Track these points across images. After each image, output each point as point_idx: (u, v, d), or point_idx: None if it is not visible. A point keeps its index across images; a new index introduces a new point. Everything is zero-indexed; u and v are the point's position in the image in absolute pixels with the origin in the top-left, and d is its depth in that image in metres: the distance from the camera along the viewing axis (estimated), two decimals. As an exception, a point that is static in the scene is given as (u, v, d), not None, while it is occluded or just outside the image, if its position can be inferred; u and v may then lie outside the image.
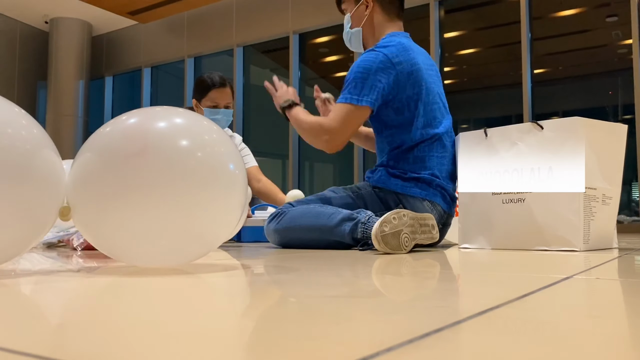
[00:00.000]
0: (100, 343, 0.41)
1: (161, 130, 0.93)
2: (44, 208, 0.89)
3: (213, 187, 0.93)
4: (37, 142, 0.88)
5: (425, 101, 1.86)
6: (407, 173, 1.84)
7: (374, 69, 1.79)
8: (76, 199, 0.93)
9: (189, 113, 1.00)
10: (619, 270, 1.05)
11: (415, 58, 1.86)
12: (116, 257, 0.98)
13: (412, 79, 1.83)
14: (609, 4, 4.91)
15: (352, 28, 2.02)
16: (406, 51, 1.85)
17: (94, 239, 0.95)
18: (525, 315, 0.53)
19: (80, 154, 0.95)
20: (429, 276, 0.95)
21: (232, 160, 0.98)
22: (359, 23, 2.00)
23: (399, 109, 1.84)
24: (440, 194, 1.85)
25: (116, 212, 0.89)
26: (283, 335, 0.44)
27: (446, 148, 1.90)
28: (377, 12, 1.97)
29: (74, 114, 7.22)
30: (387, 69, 1.80)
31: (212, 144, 0.96)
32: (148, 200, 0.88)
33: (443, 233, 1.92)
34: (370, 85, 1.79)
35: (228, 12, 6.57)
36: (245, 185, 1.01)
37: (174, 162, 0.90)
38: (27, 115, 0.90)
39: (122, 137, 0.92)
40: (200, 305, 0.61)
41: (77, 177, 0.92)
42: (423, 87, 1.86)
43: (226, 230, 1.01)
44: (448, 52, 5.48)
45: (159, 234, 0.90)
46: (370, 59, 1.81)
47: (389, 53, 1.81)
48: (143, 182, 0.88)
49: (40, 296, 0.69)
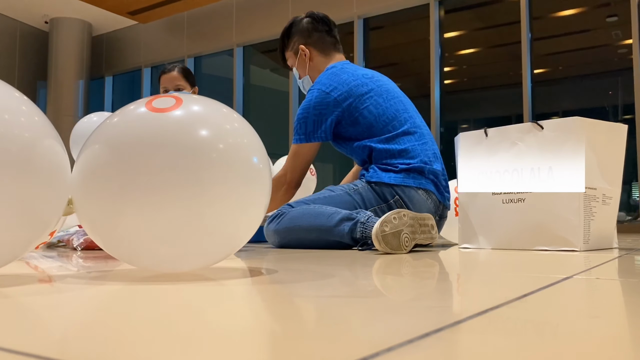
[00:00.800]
0: (104, 348, 0.41)
1: (177, 119, 0.83)
2: (46, 203, 0.80)
3: (235, 183, 0.83)
4: (38, 131, 0.79)
5: (377, 104, 1.95)
6: (397, 166, 1.89)
7: (312, 106, 1.94)
8: (82, 194, 0.84)
9: (206, 100, 0.90)
10: (619, 270, 1.05)
11: (350, 76, 1.98)
12: (126, 260, 0.89)
13: (352, 93, 1.94)
14: (609, 4, 4.91)
15: (300, 78, 2.18)
16: (337, 76, 1.98)
17: (102, 240, 0.86)
18: (525, 315, 0.53)
19: (87, 145, 0.86)
20: (429, 276, 0.95)
21: (256, 152, 0.88)
22: (304, 71, 2.16)
23: (354, 122, 1.95)
24: (433, 182, 1.91)
25: (127, 210, 0.80)
26: (283, 335, 0.44)
27: (424, 135, 1.98)
28: (315, 56, 2.12)
29: (74, 114, 7.22)
30: (323, 101, 1.94)
31: (235, 135, 0.87)
32: (162, 197, 0.79)
33: (439, 226, 1.96)
34: (312, 121, 1.94)
35: (228, 12, 6.57)
36: (270, 181, 0.92)
37: (193, 154, 0.80)
38: (28, 102, 0.81)
39: (134, 125, 0.83)
40: (199, 305, 0.61)
41: (84, 170, 0.83)
42: (370, 94, 1.96)
43: (249, 231, 0.91)
44: (448, 52, 5.48)
45: (174, 235, 0.81)
46: (307, 100, 1.98)
47: (321, 87, 1.96)
48: (157, 176, 0.79)
49: (41, 304, 0.69)
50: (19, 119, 0.76)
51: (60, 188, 0.82)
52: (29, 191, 0.76)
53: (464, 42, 5.65)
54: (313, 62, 2.12)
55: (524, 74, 4.76)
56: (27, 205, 0.76)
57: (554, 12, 5.05)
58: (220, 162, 0.82)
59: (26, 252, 0.83)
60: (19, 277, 0.90)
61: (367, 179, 1.92)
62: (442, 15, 5.34)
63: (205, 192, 0.80)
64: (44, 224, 0.82)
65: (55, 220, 0.84)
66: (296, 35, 2.13)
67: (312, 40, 2.12)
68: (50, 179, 0.79)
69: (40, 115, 0.81)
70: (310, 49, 2.12)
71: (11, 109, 0.76)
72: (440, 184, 1.94)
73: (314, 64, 2.12)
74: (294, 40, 2.14)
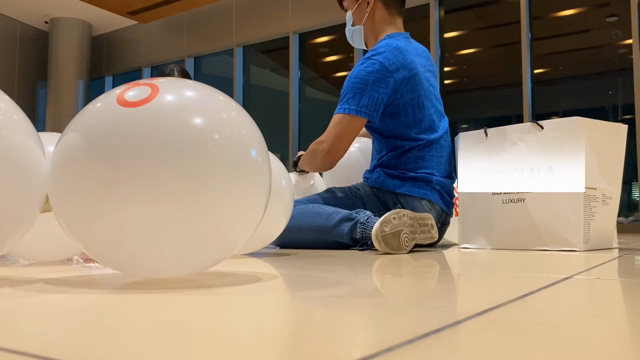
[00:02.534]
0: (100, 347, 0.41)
1: (167, 105, 0.74)
2: (17, 200, 0.73)
3: (230, 178, 0.74)
4: (10, 128, 0.73)
5: (422, 105, 1.87)
6: (405, 173, 1.85)
7: (371, 80, 1.78)
8: (57, 190, 0.75)
9: (200, 85, 0.82)
10: (619, 270, 1.05)
11: (412, 62, 1.86)
12: (109, 264, 0.80)
13: (409, 84, 1.83)
14: (609, 4, 4.90)
15: (353, 25, 2.03)
16: (402, 55, 1.83)
17: (81, 241, 0.76)
18: (525, 315, 0.53)
19: (65, 134, 0.76)
20: (428, 276, 0.95)
21: (255, 145, 0.79)
22: (360, 20, 1.99)
23: (395, 114, 1.84)
24: (439, 193, 1.86)
25: (109, 208, 0.70)
26: (283, 335, 0.44)
27: (443, 147, 1.92)
28: (378, 9, 1.96)
29: (73, 114, 7.21)
30: (384, 79, 1.79)
31: (232, 124, 0.77)
32: (150, 194, 0.70)
33: (442, 232, 1.93)
34: (368, 96, 1.78)
35: (228, 12, 6.57)
36: (270, 178, 0.83)
37: (183, 145, 0.71)
38: (8, 100, 0.76)
39: (120, 110, 0.73)
40: (197, 306, 0.61)
41: (59, 162, 0.74)
42: (421, 92, 1.87)
43: (245, 232, 0.81)
44: (448, 52, 5.48)
45: (160, 236, 0.72)
46: (365, 68, 1.80)
47: (385, 61, 1.80)
48: (144, 170, 0.70)
49: (18, 310, 0.69)
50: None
51: (33, 184, 0.75)
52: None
53: (464, 42, 5.65)
54: (374, 16, 1.97)
55: (524, 74, 4.76)
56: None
57: (554, 12, 5.05)
58: (213, 155, 0.73)
59: (2, 250, 0.78)
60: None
61: (370, 183, 1.89)
62: (442, 15, 5.34)
63: (196, 188, 0.71)
64: (16, 220, 0.75)
65: (30, 217, 0.79)
66: None
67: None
68: (21, 175, 0.73)
69: (19, 113, 0.76)
70: (376, 1, 1.96)
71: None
72: (446, 195, 1.89)
73: (375, 18, 1.97)
74: None
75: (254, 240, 1.28)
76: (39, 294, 0.69)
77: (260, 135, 0.82)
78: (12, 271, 0.99)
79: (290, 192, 1.38)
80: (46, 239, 1.05)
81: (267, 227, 1.29)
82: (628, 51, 4.46)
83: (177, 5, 6.64)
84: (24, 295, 0.69)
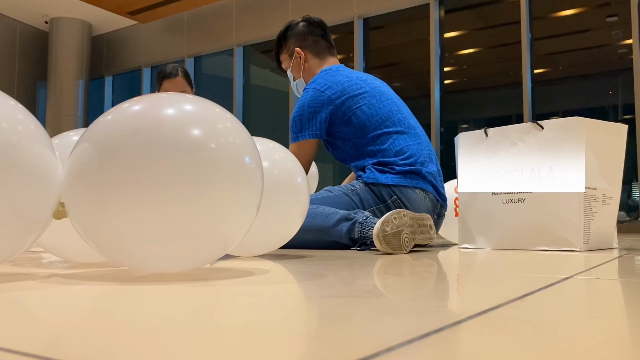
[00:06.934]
0: (100, 346, 0.41)
1: (170, 118, 0.83)
2: (32, 206, 0.81)
3: (227, 183, 0.83)
4: (27, 137, 0.81)
5: (370, 103, 1.98)
6: (394, 168, 1.90)
7: (306, 104, 1.97)
8: (72, 195, 0.83)
9: (198, 99, 0.90)
10: (619, 270, 1.05)
11: (344, 77, 2.01)
12: (117, 261, 0.88)
13: (346, 92, 1.96)
14: (609, 4, 4.91)
15: (295, 80, 2.22)
16: (331, 76, 2.01)
17: (93, 241, 0.85)
18: (525, 315, 0.53)
19: (78, 144, 0.85)
20: (429, 276, 0.95)
21: (248, 152, 0.88)
22: (299, 74, 2.19)
23: (345, 121, 1.97)
24: (430, 183, 1.93)
25: (117, 211, 0.79)
26: (283, 335, 0.44)
27: (419, 135, 2.01)
28: (309, 58, 2.16)
29: (73, 114, 7.22)
30: (318, 99, 1.96)
31: (227, 134, 0.86)
32: (154, 197, 0.78)
33: (438, 224, 1.97)
34: (307, 119, 1.96)
35: (228, 12, 6.57)
36: (262, 182, 0.92)
37: (184, 153, 0.80)
38: (24, 110, 0.83)
39: (128, 123, 0.82)
40: (197, 306, 0.61)
41: (73, 170, 0.83)
42: (364, 94, 1.99)
43: (240, 231, 0.90)
44: (448, 52, 5.48)
45: (164, 234, 0.81)
46: (301, 100, 2.01)
47: (315, 86, 1.99)
48: (148, 176, 0.78)
49: (31, 304, 0.69)
50: (16, 127, 0.80)
51: (47, 191, 0.83)
52: (14, 194, 0.77)
53: (464, 42, 5.65)
54: (307, 65, 2.17)
55: (524, 74, 4.76)
56: (11, 208, 0.78)
57: (554, 12, 5.05)
58: (211, 162, 0.82)
59: (15, 254, 0.84)
60: (6, 276, 0.90)
61: (364, 179, 1.93)
62: (442, 15, 5.34)
63: (195, 191, 0.80)
64: (30, 226, 0.83)
65: (43, 223, 0.85)
66: (292, 38, 2.18)
67: (308, 44, 2.16)
68: (37, 182, 0.81)
69: (35, 123, 0.84)
70: (305, 51, 2.16)
71: (5, 116, 0.79)
72: (437, 184, 1.96)
73: (309, 67, 2.16)
74: (290, 43, 2.19)
75: (270, 240, 1.35)
76: (57, 286, 0.69)
77: (254, 143, 0.92)
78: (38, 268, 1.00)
79: (306, 195, 1.41)
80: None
81: (284, 227, 1.36)
82: (628, 51, 4.46)
83: (177, 5, 6.64)
84: (44, 286, 0.69)
